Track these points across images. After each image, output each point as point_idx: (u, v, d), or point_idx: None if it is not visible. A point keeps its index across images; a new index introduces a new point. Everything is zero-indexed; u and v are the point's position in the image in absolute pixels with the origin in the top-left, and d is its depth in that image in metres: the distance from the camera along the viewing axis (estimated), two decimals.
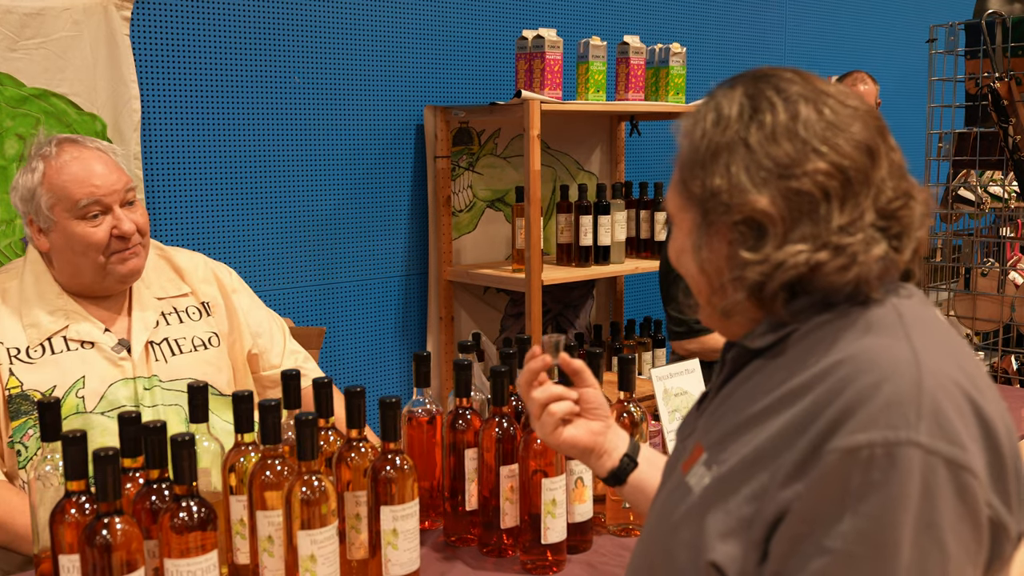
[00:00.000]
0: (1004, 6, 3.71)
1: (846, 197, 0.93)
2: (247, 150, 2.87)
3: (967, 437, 0.86)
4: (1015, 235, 3.88)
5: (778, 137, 0.95)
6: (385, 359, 3.24)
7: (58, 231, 1.82)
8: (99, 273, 1.84)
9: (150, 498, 1.33)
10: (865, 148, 0.95)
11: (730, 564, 0.92)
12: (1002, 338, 3.58)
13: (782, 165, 0.94)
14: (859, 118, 0.97)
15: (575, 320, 3.74)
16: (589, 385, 1.39)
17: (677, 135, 1.04)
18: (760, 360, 1.00)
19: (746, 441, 0.95)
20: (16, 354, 1.79)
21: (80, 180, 1.81)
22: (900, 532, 0.83)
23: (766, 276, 0.95)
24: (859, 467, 0.84)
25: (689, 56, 3.50)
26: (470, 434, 1.64)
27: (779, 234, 0.94)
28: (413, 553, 1.46)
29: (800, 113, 0.95)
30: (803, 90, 0.97)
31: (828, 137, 0.94)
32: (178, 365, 1.90)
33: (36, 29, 2.43)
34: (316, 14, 2.97)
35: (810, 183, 0.93)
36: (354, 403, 1.46)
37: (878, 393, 0.86)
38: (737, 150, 0.96)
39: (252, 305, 2.11)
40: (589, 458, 1.38)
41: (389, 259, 3.24)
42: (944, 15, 3.96)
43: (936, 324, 0.97)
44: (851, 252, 0.93)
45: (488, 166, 3.40)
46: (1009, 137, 3.14)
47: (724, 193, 0.96)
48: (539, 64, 3.00)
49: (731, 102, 0.99)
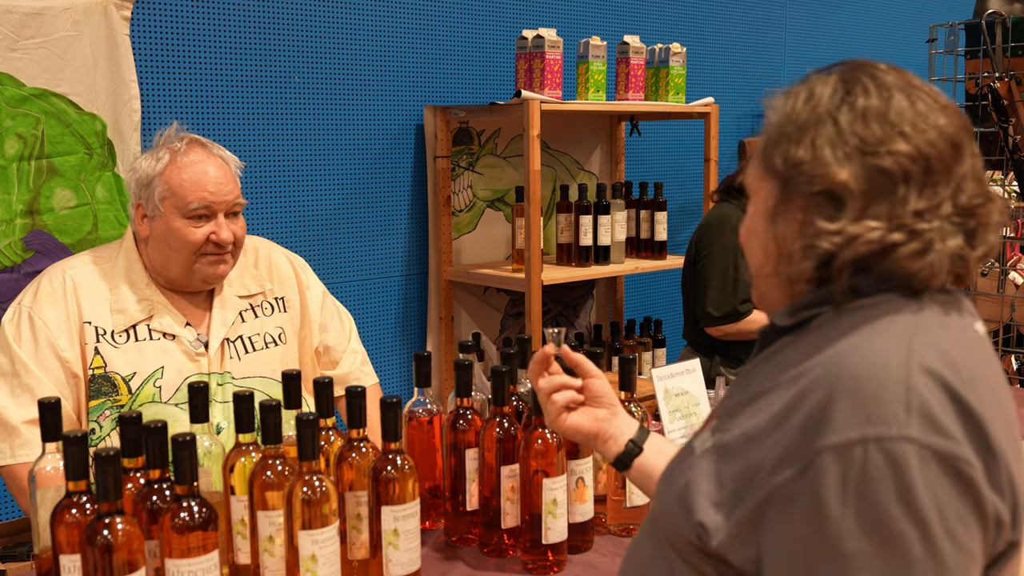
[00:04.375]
0: (1004, 6, 3.71)
1: (926, 184, 0.94)
2: (247, 150, 2.87)
3: (956, 431, 0.87)
4: (1015, 235, 3.88)
5: (868, 119, 0.96)
6: (385, 359, 3.24)
7: (161, 222, 1.90)
8: (187, 270, 1.92)
9: (151, 498, 1.33)
10: (951, 141, 0.96)
11: (715, 531, 0.95)
12: (1002, 338, 3.58)
13: (867, 143, 0.95)
14: (949, 114, 0.98)
15: (575, 320, 3.74)
16: (593, 375, 1.46)
17: (766, 109, 1.05)
18: (786, 338, 1.02)
19: (750, 415, 0.97)
20: (103, 335, 1.87)
21: (197, 184, 1.89)
22: (907, 526, 0.84)
23: (839, 247, 0.95)
24: (855, 465, 0.85)
25: (689, 56, 3.50)
26: (471, 434, 1.64)
27: (856, 207, 0.94)
28: (414, 553, 1.46)
29: (893, 100, 0.97)
30: (897, 81, 0.99)
31: (917, 123, 0.95)
32: (250, 363, 1.98)
33: (36, 29, 2.43)
34: (316, 14, 2.97)
35: (892, 162, 0.94)
36: (355, 403, 1.46)
37: (865, 388, 0.88)
38: (825, 125, 0.97)
39: (323, 301, 2.17)
40: (595, 443, 1.45)
41: (389, 259, 3.23)
42: (944, 15, 3.96)
43: (955, 327, 0.97)
44: (927, 239, 0.93)
45: (488, 166, 3.40)
46: (1009, 137, 3.14)
47: (806, 163, 0.97)
48: (539, 64, 3.00)
49: (825, 85, 1.00)
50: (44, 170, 2.49)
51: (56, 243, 2.52)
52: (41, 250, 2.50)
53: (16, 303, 1.89)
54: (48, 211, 2.50)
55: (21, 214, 2.46)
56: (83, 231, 2.56)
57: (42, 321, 1.84)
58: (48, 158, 2.49)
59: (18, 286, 2.46)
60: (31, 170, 2.47)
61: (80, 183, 2.55)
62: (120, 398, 1.85)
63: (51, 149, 2.49)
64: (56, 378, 1.83)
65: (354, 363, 2.20)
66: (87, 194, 2.56)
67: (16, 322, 1.85)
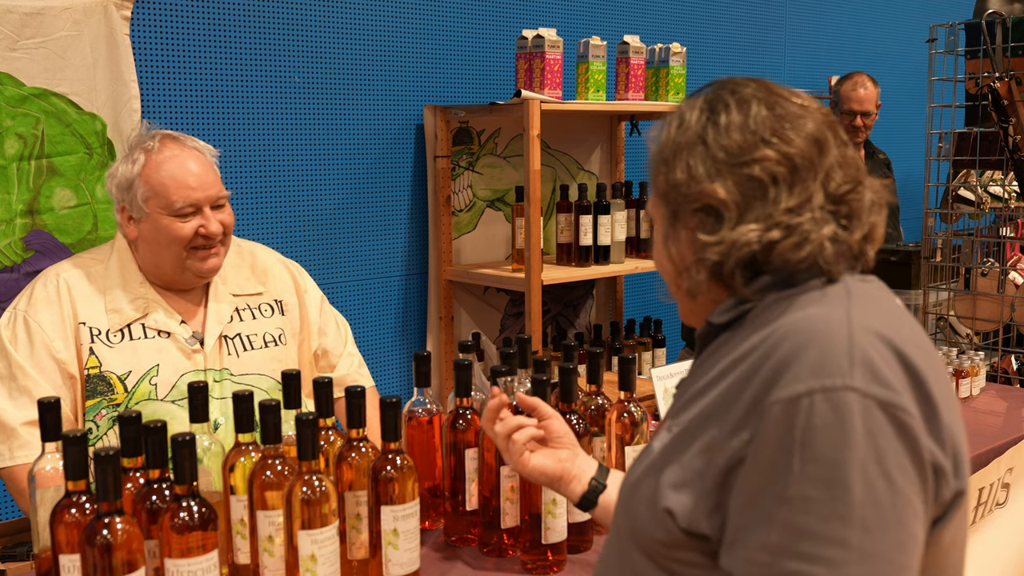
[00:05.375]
0: (1004, 6, 3.71)
1: (794, 182, 1.02)
2: (247, 150, 2.87)
3: (897, 383, 0.93)
4: (1015, 235, 3.87)
5: (731, 131, 1.04)
6: (385, 359, 3.24)
7: (148, 222, 1.91)
8: (178, 266, 1.92)
9: (151, 498, 1.33)
10: (813, 139, 1.03)
11: (682, 512, 0.98)
12: (1002, 338, 3.58)
13: (733, 154, 1.03)
14: (809, 115, 1.05)
15: (575, 320, 3.74)
16: (549, 416, 1.47)
17: (648, 142, 1.14)
18: (725, 335, 1.08)
19: (700, 403, 1.03)
20: (98, 335, 1.88)
21: (178, 181, 1.89)
22: (848, 470, 0.89)
23: (724, 255, 1.03)
24: (801, 414, 0.90)
25: (689, 56, 3.50)
26: (470, 434, 1.64)
27: (733, 217, 1.02)
28: (413, 553, 1.46)
29: (751, 110, 1.04)
30: (756, 91, 1.07)
31: (777, 129, 1.03)
32: (249, 360, 1.98)
33: (36, 29, 2.43)
34: (316, 14, 2.97)
35: (759, 169, 1.02)
36: (354, 403, 1.46)
37: (811, 347, 0.94)
38: (696, 147, 1.05)
39: (320, 304, 2.19)
40: (559, 485, 1.46)
41: (389, 259, 3.23)
42: (944, 15, 3.96)
43: (884, 299, 1.04)
44: (802, 231, 1.01)
45: (488, 166, 3.40)
46: (1009, 137, 3.14)
47: (683, 185, 1.05)
48: (539, 64, 3.00)
49: (692, 108, 1.08)
50: (44, 170, 2.49)
51: (56, 243, 2.52)
52: (41, 250, 2.50)
53: (11, 308, 1.90)
54: (48, 211, 2.50)
55: (21, 214, 2.46)
56: (83, 231, 2.56)
57: (37, 324, 1.85)
58: (48, 158, 2.49)
59: (18, 286, 2.46)
60: (31, 170, 2.47)
61: (80, 183, 2.55)
62: (116, 397, 1.86)
63: (51, 149, 2.49)
64: (53, 380, 1.84)
65: (351, 366, 2.21)
66: (87, 194, 2.56)
67: (12, 326, 1.87)
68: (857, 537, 0.88)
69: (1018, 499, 2.26)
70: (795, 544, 0.89)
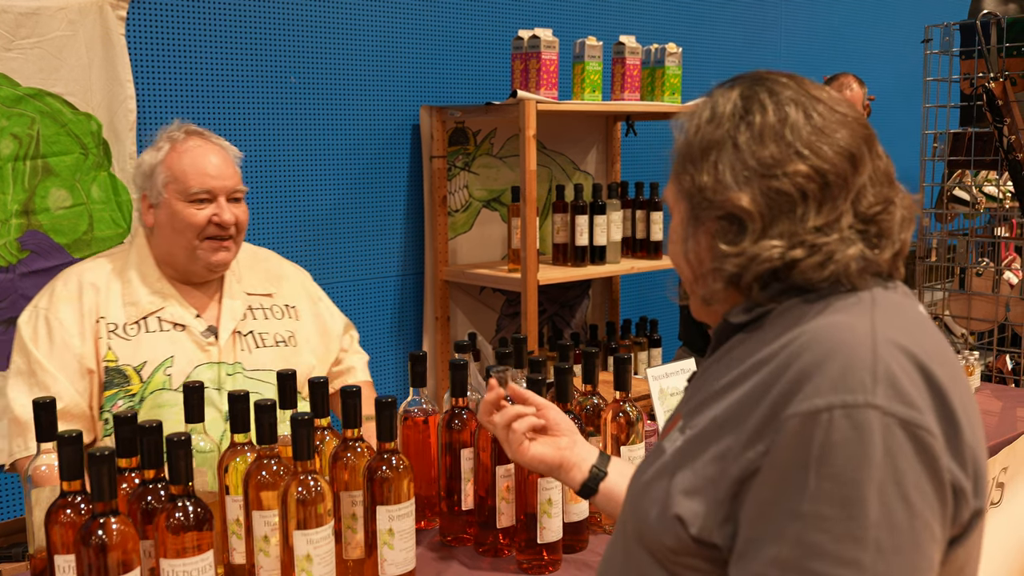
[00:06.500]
0: (999, 6, 3.72)
1: (824, 200, 0.97)
2: (243, 150, 2.85)
3: (920, 401, 0.90)
4: (1010, 235, 3.88)
5: (765, 138, 0.99)
6: (381, 359, 3.24)
7: (165, 208, 1.96)
8: (190, 256, 1.96)
9: (146, 498, 1.33)
10: (848, 154, 0.99)
11: (693, 519, 0.96)
12: (997, 338, 3.59)
13: (765, 165, 0.98)
14: (847, 125, 1.00)
15: (571, 320, 3.74)
16: (545, 407, 1.46)
17: (675, 130, 1.08)
18: (741, 335, 1.04)
19: (716, 407, 0.99)
20: (114, 329, 1.92)
21: (198, 168, 1.95)
22: (865, 490, 0.86)
23: (742, 268, 0.99)
24: (820, 429, 0.87)
25: (685, 56, 3.50)
26: (466, 434, 1.64)
27: (757, 230, 0.98)
28: (409, 553, 1.46)
29: (788, 116, 0.99)
30: (795, 94, 1.01)
31: (812, 142, 0.98)
32: (261, 357, 2.01)
33: (31, 29, 2.43)
34: (312, 14, 2.97)
35: (789, 184, 0.97)
36: (350, 403, 1.46)
37: (834, 359, 0.90)
38: (726, 148, 1.01)
39: (332, 310, 2.25)
40: (559, 473, 1.44)
41: (385, 259, 3.23)
42: (939, 15, 3.96)
43: (908, 309, 1.01)
44: (827, 251, 0.97)
45: (484, 166, 3.40)
46: (1004, 137, 3.15)
47: (709, 190, 1.01)
48: (535, 64, 3.00)
49: (727, 101, 1.03)
50: (39, 170, 2.48)
51: (51, 243, 2.52)
52: (36, 250, 2.50)
53: (32, 306, 1.95)
54: (43, 211, 2.50)
55: (16, 214, 2.46)
56: (78, 231, 2.56)
57: (58, 322, 1.90)
58: (43, 158, 2.49)
59: (14, 286, 2.46)
60: (26, 170, 2.46)
61: (75, 183, 2.54)
62: (131, 387, 1.89)
63: (46, 149, 2.49)
64: (71, 376, 1.88)
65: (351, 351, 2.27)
66: (82, 194, 2.56)
67: (33, 324, 1.92)
68: (870, 559, 0.86)
69: (1013, 498, 2.26)
70: (806, 562, 0.87)
